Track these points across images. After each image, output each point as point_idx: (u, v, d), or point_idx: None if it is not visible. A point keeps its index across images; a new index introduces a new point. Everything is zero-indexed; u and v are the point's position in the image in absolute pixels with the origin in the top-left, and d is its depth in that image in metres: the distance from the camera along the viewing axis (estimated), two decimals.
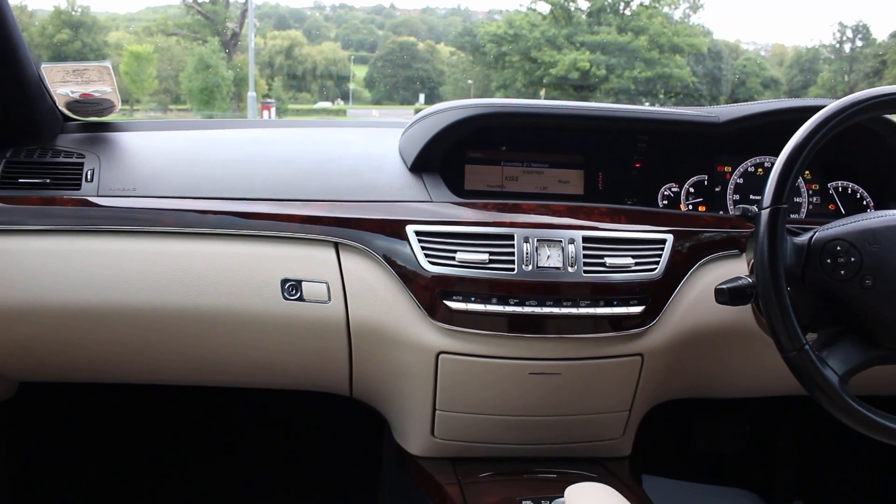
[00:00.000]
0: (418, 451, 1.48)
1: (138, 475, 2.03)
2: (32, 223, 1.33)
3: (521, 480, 1.39)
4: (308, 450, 2.11)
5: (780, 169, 1.08)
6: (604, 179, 1.54)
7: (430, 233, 1.30)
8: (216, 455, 2.09)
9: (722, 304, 1.15)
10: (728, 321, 1.36)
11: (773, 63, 36.42)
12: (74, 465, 1.99)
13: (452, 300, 1.27)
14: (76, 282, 1.32)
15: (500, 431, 1.42)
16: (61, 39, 28.43)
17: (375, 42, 42.24)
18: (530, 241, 1.29)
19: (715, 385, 1.57)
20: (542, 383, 1.34)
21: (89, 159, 1.42)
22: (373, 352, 1.37)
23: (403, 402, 1.44)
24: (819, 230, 1.13)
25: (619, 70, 29.50)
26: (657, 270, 1.32)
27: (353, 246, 1.32)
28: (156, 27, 31.98)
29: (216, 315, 1.34)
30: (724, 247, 1.38)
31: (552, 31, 30.59)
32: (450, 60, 36.95)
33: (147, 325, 1.36)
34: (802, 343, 1.05)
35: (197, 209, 1.34)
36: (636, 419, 1.48)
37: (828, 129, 1.08)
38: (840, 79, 32.26)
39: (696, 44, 30.97)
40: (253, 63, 26.47)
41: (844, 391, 1.05)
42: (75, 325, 1.36)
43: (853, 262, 1.09)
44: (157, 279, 1.32)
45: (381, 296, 1.31)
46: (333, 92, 37.02)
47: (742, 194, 1.55)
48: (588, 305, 1.28)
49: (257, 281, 1.32)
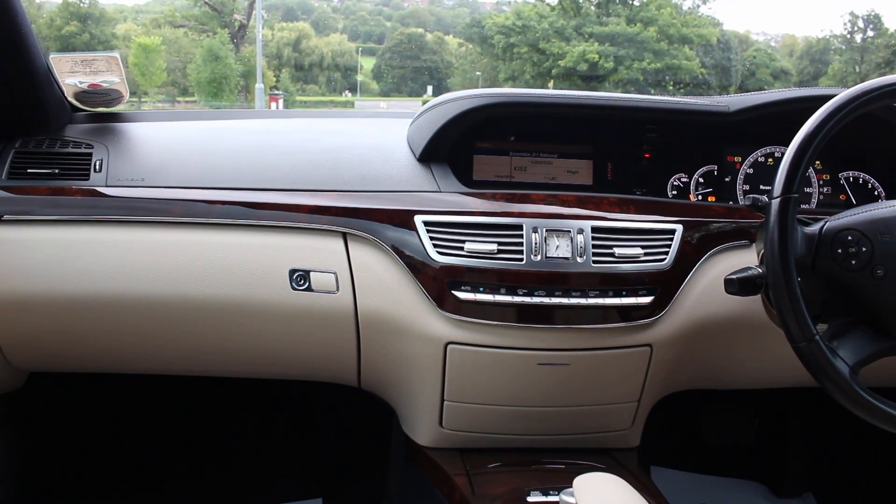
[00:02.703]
0: (426, 442, 1.48)
1: (146, 465, 2.04)
2: (42, 213, 1.33)
3: (529, 471, 1.39)
4: (316, 440, 2.11)
5: (790, 158, 1.07)
6: (613, 169, 1.53)
7: (439, 223, 1.30)
8: (224, 445, 2.10)
9: (732, 295, 1.15)
10: (737, 312, 1.36)
11: (784, 54, 36.29)
12: (83, 455, 2.00)
13: (461, 290, 1.27)
14: (85, 272, 1.32)
15: (508, 422, 1.42)
16: (69, 31, 28.51)
17: (383, 33, 42.22)
18: (539, 232, 1.28)
19: (724, 376, 1.56)
20: (551, 374, 1.34)
21: (98, 149, 1.42)
22: (381, 342, 1.37)
23: (412, 392, 1.44)
24: (830, 220, 1.12)
25: (628, 61, 29.43)
26: (666, 261, 1.31)
27: (362, 236, 1.32)
28: (163, 19, 32.03)
29: (224, 305, 1.34)
30: (734, 237, 1.37)
31: (560, 22, 30.54)
32: (458, 52, 36.93)
33: (155, 315, 1.36)
34: (813, 333, 1.04)
35: (205, 199, 1.34)
36: (645, 410, 1.48)
37: (839, 118, 1.08)
38: (851, 69, 32.11)
39: (705, 35, 30.88)
40: (261, 55, 26.51)
41: (855, 382, 1.05)
42: (84, 315, 1.36)
43: (864, 251, 1.08)
44: (166, 269, 1.32)
45: (390, 286, 1.31)
46: (341, 84, 37.00)
47: (752, 184, 1.54)
48: (597, 296, 1.28)
49: (265, 271, 1.32)
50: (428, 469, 1.45)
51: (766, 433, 2.17)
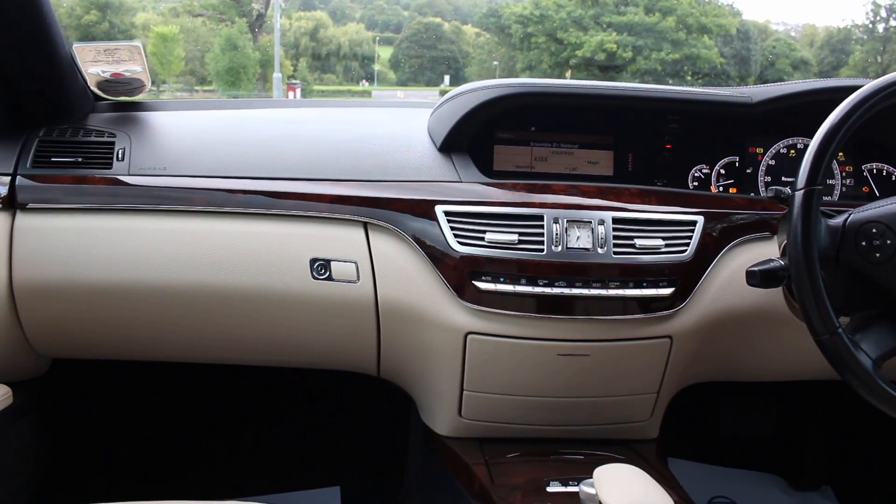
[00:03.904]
0: (445, 432, 1.48)
1: (166, 452, 2.06)
2: (65, 201, 1.35)
3: (548, 461, 1.40)
4: (335, 429, 2.12)
5: (815, 150, 1.07)
6: (634, 160, 1.53)
7: (460, 213, 1.30)
8: (243, 433, 2.11)
9: (753, 287, 1.14)
10: (758, 304, 1.35)
11: (804, 44, 35.86)
12: (105, 442, 2.02)
13: (481, 280, 1.27)
14: (107, 259, 1.33)
15: (527, 412, 1.42)
16: (89, 21, 28.63)
17: (400, 23, 42.09)
18: (560, 222, 1.28)
19: (744, 369, 1.56)
20: (571, 364, 1.34)
21: (120, 138, 1.43)
22: (401, 332, 1.37)
23: (431, 382, 1.45)
24: (854, 212, 1.11)
25: (646, 51, 29.20)
26: (687, 252, 1.31)
27: (382, 226, 1.32)
28: (182, 8, 32.07)
29: (245, 294, 1.35)
30: (755, 229, 1.36)
31: (578, 11, 30.32)
32: (475, 41, 36.76)
33: (177, 304, 1.37)
34: (836, 326, 1.03)
35: (227, 188, 1.35)
36: (664, 402, 1.47)
37: (864, 109, 1.07)
38: (872, 59, 31.70)
39: (724, 24, 30.56)
40: (278, 44, 26.52)
41: (878, 375, 1.04)
42: (106, 303, 1.37)
43: (889, 244, 1.07)
44: (187, 258, 1.33)
45: (410, 276, 1.32)
46: (358, 73, 36.98)
47: (773, 176, 1.53)
48: (617, 287, 1.27)
49: (286, 260, 1.33)
50: (447, 458, 1.46)
51: (785, 426, 2.16)
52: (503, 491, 1.28)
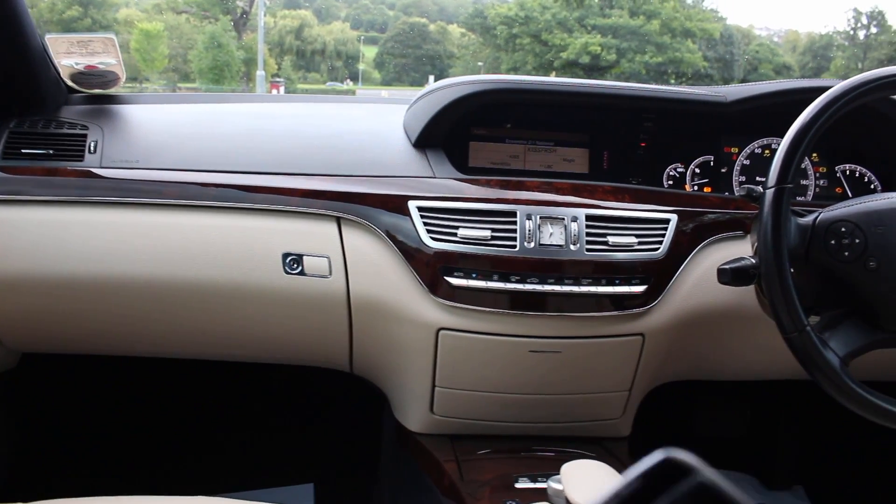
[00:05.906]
0: (417, 428, 1.48)
1: (137, 448, 2.04)
2: (35, 193, 1.33)
3: (518, 458, 1.39)
4: (307, 425, 2.11)
5: (785, 148, 1.07)
6: (609, 158, 1.53)
7: (433, 208, 1.29)
8: (215, 430, 2.10)
9: (724, 285, 1.15)
10: (730, 302, 1.36)
11: (786, 49, 36.18)
12: (76, 437, 2.00)
13: (454, 276, 1.26)
14: (78, 253, 1.32)
15: (499, 409, 1.42)
16: (71, 16, 28.34)
17: (386, 22, 42.02)
18: (533, 219, 1.28)
19: (716, 367, 1.56)
20: (543, 361, 1.34)
21: (93, 131, 1.42)
22: (373, 327, 1.37)
23: (403, 378, 1.44)
24: (824, 211, 1.12)
25: (630, 54, 29.32)
26: (660, 250, 1.31)
27: (355, 221, 1.32)
28: (165, 5, 31.86)
29: (217, 288, 1.34)
30: (729, 228, 1.37)
31: (563, 13, 30.41)
32: (460, 42, 36.77)
33: (148, 298, 1.36)
34: (804, 324, 1.04)
35: (199, 182, 1.34)
36: (636, 400, 1.48)
37: (835, 109, 1.07)
38: (854, 66, 32.02)
39: (708, 29, 30.78)
40: (262, 42, 26.43)
41: (845, 373, 1.05)
42: (76, 297, 1.36)
43: (857, 243, 1.08)
44: (159, 251, 1.32)
45: (383, 271, 1.31)
46: (343, 72, 36.89)
47: (748, 176, 1.53)
48: (590, 284, 1.27)
49: (259, 254, 1.32)
50: (418, 455, 1.46)
51: (758, 426, 2.17)
52: (472, 487, 1.28)
